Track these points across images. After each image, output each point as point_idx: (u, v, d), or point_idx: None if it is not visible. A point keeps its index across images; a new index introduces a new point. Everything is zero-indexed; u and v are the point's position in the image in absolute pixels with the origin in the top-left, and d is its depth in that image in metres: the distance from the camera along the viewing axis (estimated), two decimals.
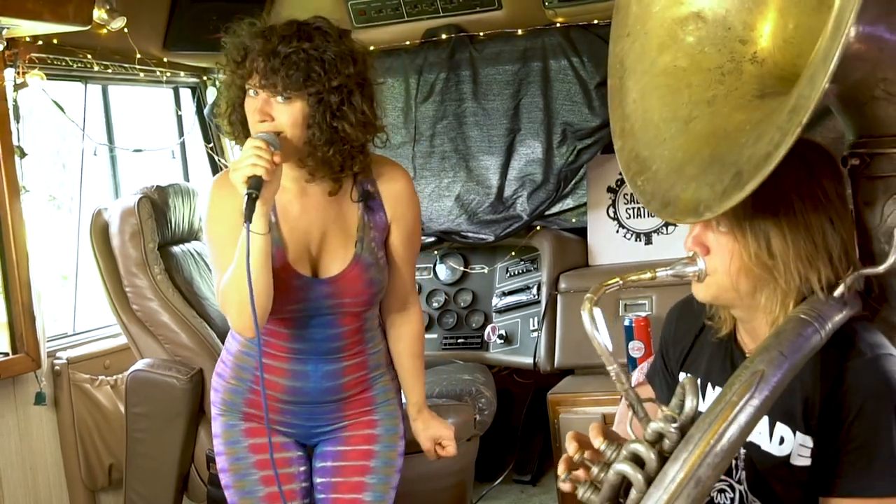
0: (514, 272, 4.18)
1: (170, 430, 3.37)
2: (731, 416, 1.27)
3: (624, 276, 1.49)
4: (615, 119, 1.56)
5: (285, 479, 2.30)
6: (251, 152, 1.99)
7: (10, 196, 3.18)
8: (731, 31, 1.48)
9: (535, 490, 4.13)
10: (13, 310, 3.24)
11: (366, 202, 2.26)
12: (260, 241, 2.03)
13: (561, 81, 3.98)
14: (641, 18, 1.55)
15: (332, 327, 2.25)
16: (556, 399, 3.53)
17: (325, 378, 2.28)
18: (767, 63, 1.46)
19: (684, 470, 1.25)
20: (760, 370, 1.30)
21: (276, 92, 2.07)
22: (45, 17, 3.09)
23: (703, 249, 1.48)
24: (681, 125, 1.45)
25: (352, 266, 2.22)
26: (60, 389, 3.47)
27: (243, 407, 2.33)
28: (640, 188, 1.46)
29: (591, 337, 1.42)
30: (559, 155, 4.04)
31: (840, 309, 1.40)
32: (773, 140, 1.18)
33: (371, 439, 2.34)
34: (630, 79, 1.55)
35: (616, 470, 1.34)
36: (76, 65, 3.56)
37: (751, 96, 1.43)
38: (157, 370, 3.39)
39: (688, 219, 1.34)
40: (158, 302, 3.44)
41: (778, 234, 1.41)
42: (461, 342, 4.17)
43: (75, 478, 3.52)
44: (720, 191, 1.25)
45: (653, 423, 1.33)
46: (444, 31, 4.03)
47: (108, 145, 3.98)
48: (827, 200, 1.42)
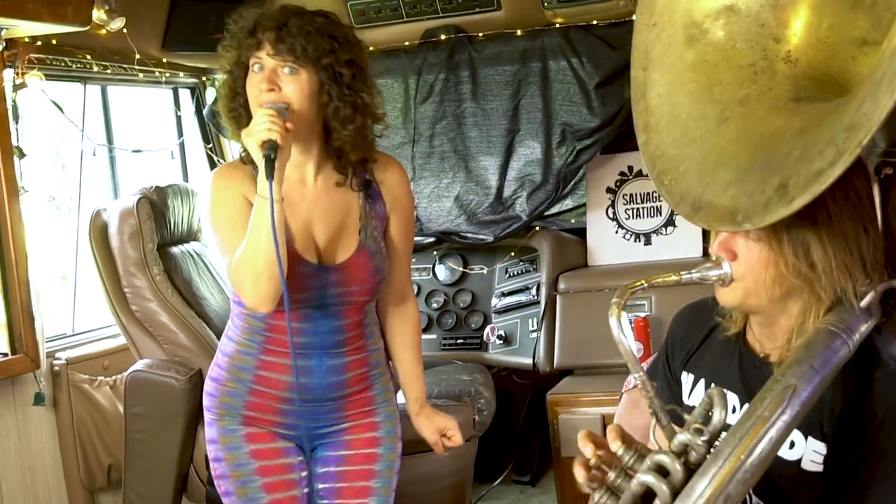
0: (513, 273, 4.18)
1: (169, 430, 3.37)
2: (763, 432, 1.25)
3: (649, 278, 1.43)
4: (638, 112, 1.51)
5: (286, 485, 2.27)
6: (264, 118, 2.00)
7: (9, 196, 3.17)
8: (765, 28, 1.42)
9: (535, 490, 4.13)
10: (12, 310, 3.24)
11: (366, 191, 2.27)
12: (277, 209, 2.02)
13: (560, 82, 3.98)
14: (669, 8, 1.49)
15: (337, 319, 2.23)
16: (555, 399, 3.54)
17: (329, 373, 2.25)
18: (801, 63, 1.41)
19: (713, 485, 1.23)
20: (792, 384, 1.27)
21: (285, 61, 2.09)
22: (45, 18, 3.09)
23: (729, 255, 1.45)
24: (711, 125, 1.40)
25: (358, 253, 2.21)
26: (59, 390, 3.47)
27: (243, 410, 2.27)
28: (667, 188, 1.40)
29: (618, 342, 1.37)
30: (558, 155, 4.04)
31: (866, 319, 1.38)
32: (825, 157, 1.11)
33: (374, 442, 2.33)
34: (655, 71, 1.50)
35: (640, 480, 1.31)
36: (75, 65, 3.56)
37: (786, 99, 1.37)
38: (156, 371, 3.39)
39: (724, 227, 1.30)
40: (157, 302, 3.44)
41: (817, 244, 1.38)
42: (460, 343, 4.17)
43: (74, 478, 3.52)
44: (762, 202, 1.19)
45: (679, 435, 1.30)
46: (444, 32, 4.03)
47: (108, 146, 3.97)
48: (860, 203, 1.39)
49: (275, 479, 2.26)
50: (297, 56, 2.08)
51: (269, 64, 2.10)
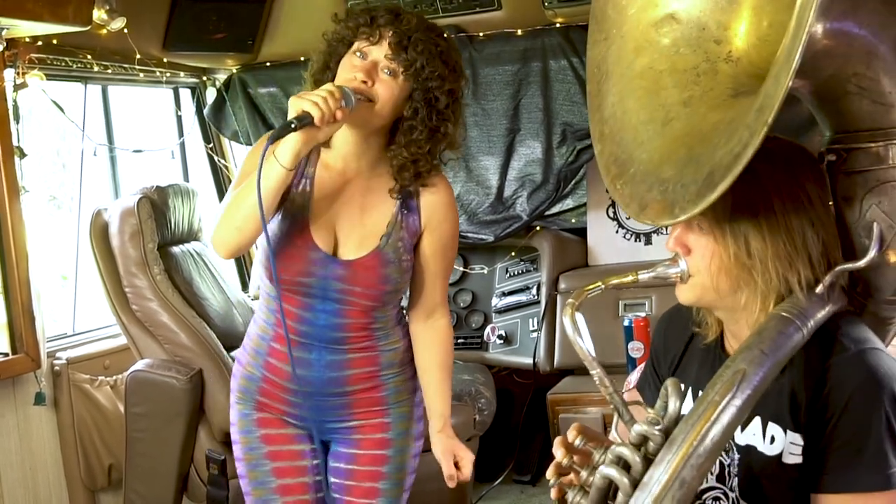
0: (513, 272, 4.19)
1: (169, 430, 3.38)
2: (714, 417, 1.27)
3: (605, 279, 1.49)
4: (594, 123, 1.57)
5: (296, 471, 2.28)
6: (323, 93, 1.99)
7: (9, 196, 3.18)
8: (706, 32, 1.49)
9: (535, 490, 4.13)
10: (13, 310, 3.24)
11: (404, 201, 2.24)
12: (282, 175, 2.03)
13: (561, 82, 3.98)
14: (617, 22, 1.56)
15: (337, 316, 2.22)
16: (555, 399, 3.54)
17: (328, 368, 2.24)
18: (742, 62, 1.47)
19: (668, 472, 1.26)
20: (742, 369, 1.30)
21: (391, 62, 2.09)
22: (45, 18, 3.09)
23: (684, 250, 1.48)
24: (658, 127, 1.46)
25: (371, 256, 2.19)
26: (60, 390, 3.48)
27: (257, 395, 2.30)
28: (618, 192, 1.46)
29: (573, 341, 1.42)
30: (559, 155, 4.04)
31: (822, 306, 1.41)
32: (741, 140, 1.18)
33: (383, 444, 2.30)
34: (608, 82, 1.56)
35: (602, 473, 1.34)
36: (76, 65, 3.57)
37: (726, 96, 1.43)
38: (157, 370, 3.39)
39: (663, 220, 1.34)
40: (158, 302, 3.44)
41: (757, 235, 1.42)
42: (461, 342, 4.17)
43: (75, 478, 3.52)
44: (694, 192, 1.26)
45: (636, 426, 1.33)
46: (444, 31, 4.02)
47: (108, 145, 3.98)
48: (809, 203, 1.43)
49: (284, 464, 2.27)
50: (403, 63, 2.09)
51: (372, 57, 2.11)
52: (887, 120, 1.37)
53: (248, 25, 4.03)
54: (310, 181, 2.21)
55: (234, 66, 4.27)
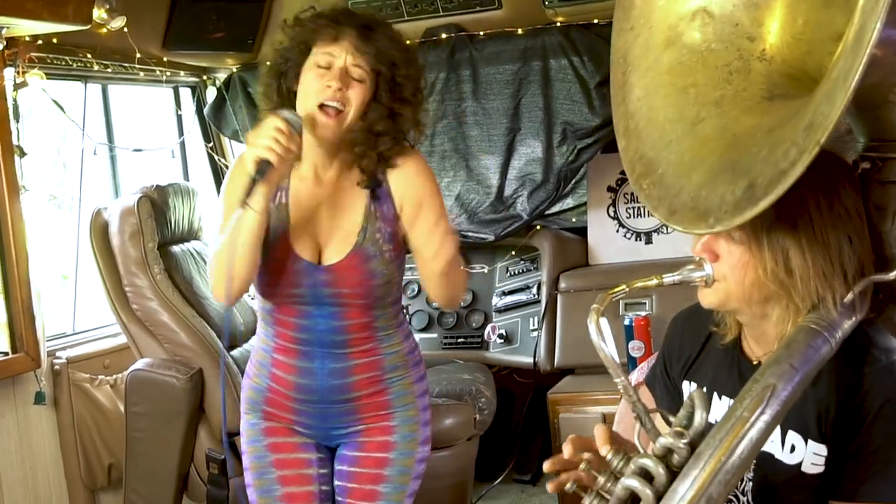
0: (514, 272, 4.18)
1: (169, 429, 3.37)
2: (742, 433, 1.24)
3: (630, 282, 1.43)
4: (618, 116, 1.52)
5: (302, 480, 2.28)
6: (271, 133, 2.01)
7: (9, 195, 3.17)
8: (739, 28, 1.44)
9: (535, 490, 4.13)
10: (13, 309, 3.24)
11: (373, 190, 2.23)
12: (253, 219, 2.06)
13: (561, 81, 3.98)
14: (645, 12, 1.50)
15: (336, 319, 2.22)
16: (556, 399, 3.54)
17: (331, 376, 2.25)
18: (776, 61, 1.41)
19: (695, 487, 1.23)
20: (771, 384, 1.27)
21: (360, 63, 2.11)
22: (45, 17, 3.09)
23: (711, 256, 1.45)
24: (687, 126, 1.40)
25: (351, 256, 2.19)
26: (60, 389, 3.47)
27: (264, 405, 2.32)
28: (645, 192, 1.41)
29: (598, 347, 1.37)
30: (559, 154, 4.04)
31: (850, 316, 1.38)
32: (788, 156, 1.12)
33: (387, 446, 2.30)
34: (633, 75, 1.50)
35: (624, 485, 1.31)
36: (76, 64, 3.56)
37: (760, 97, 1.38)
38: (157, 370, 3.39)
39: (697, 230, 1.29)
40: (158, 301, 3.44)
41: (797, 251, 1.38)
42: (461, 342, 4.16)
43: (75, 477, 3.52)
44: (731, 203, 1.21)
45: (661, 438, 1.30)
46: (444, 31, 4.03)
47: (108, 145, 3.98)
48: (847, 216, 1.39)
49: (290, 472, 2.28)
50: (371, 61, 2.11)
51: (339, 63, 2.12)
52: None
53: (248, 25, 4.02)
54: (285, 192, 2.23)
55: (234, 65, 4.27)
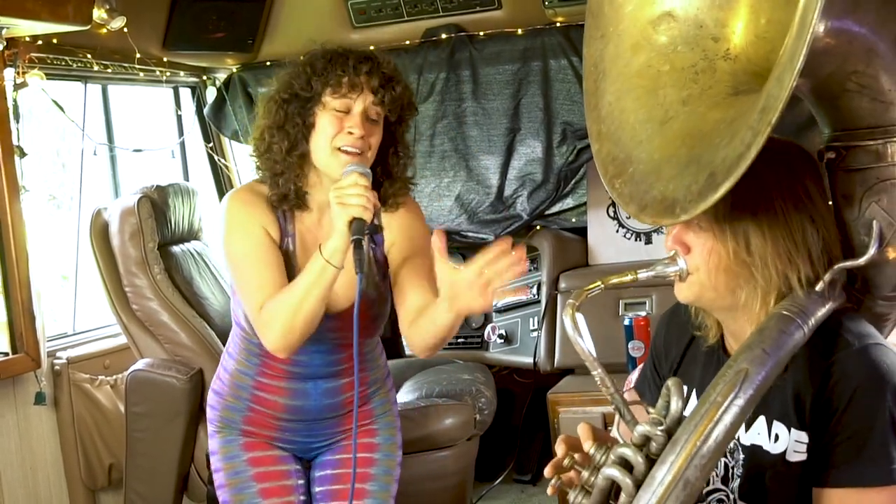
0: None
1: (170, 429, 3.37)
2: (717, 417, 1.27)
3: (605, 279, 1.48)
4: (591, 121, 1.56)
5: (283, 491, 2.28)
6: (360, 191, 1.96)
7: (9, 196, 3.17)
8: (703, 29, 1.49)
9: (535, 490, 4.12)
10: (13, 309, 3.24)
11: (372, 237, 2.22)
12: (333, 275, 2.02)
13: (561, 81, 3.98)
14: (614, 20, 1.55)
15: (333, 354, 2.25)
16: (555, 399, 3.53)
17: (324, 395, 2.28)
18: (741, 59, 1.47)
19: (672, 472, 1.25)
20: (744, 369, 1.30)
21: (377, 106, 2.10)
22: (45, 17, 3.09)
23: (683, 248, 1.49)
24: (657, 126, 1.45)
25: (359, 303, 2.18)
26: (60, 389, 3.47)
27: (241, 425, 2.31)
28: (617, 191, 1.45)
29: (574, 342, 1.42)
30: (559, 154, 4.04)
31: (822, 303, 1.41)
32: (744, 140, 1.18)
33: (371, 448, 2.34)
34: (605, 81, 1.55)
35: (605, 474, 1.34)
36: (76, 64, 3.56)
37: (725, 94, 1.43)
38: (157, 370, 3.39)
39: (664, 220, 1.34)
40: (158, 302, 3.44)
41: (757, 232, 1.42)
42: (461, 342, 4.16)
43: (75, 477, 3.52)
44: (695, 191, 1.25)
45: (639, 427, 1.33)
46: (444, 31, 4.03)
47: (108, 145, 3.98)
48: (808, 200, 1.43)
49: (271, 484, 2.28)
50: (393, 109, 2.12)
51: (358, 108, 2.09)
52: (886, 118, 1.37)
53: (248, 24, 4.02)
54: (292, 238, 2.19)
55: (234, 65, 4.27)
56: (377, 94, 2.09)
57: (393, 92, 2.11)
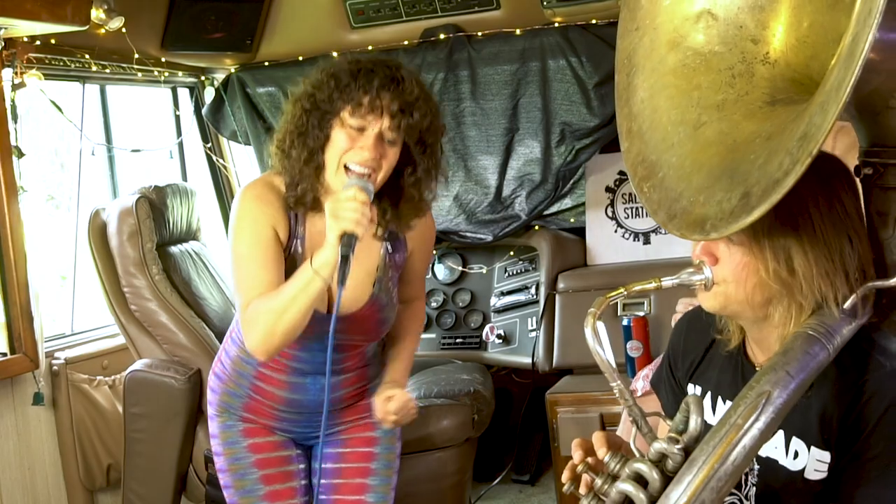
0: (512, 272, 4.18)
1: (168, 430, 3.37)
2: (736, 440, 1.25)
3: (628, 286, 1.44)
4: (622, 118, 1.51)
5: (285, 477, 2.31)
6: (356, 205, 1.96)
7: (7, 196, 3.17)
8: (743, 30, 1.43)
9: (534, 490, 4.12)
10: (11, 310, 3.24)
11: (390, 241, 2.26)
12: (321, 286, 2.03)
13: (559, 81, 3.98)
14: (651, 13, 1.50)
15: (335, 353, 2.24)
16: (554, 399, 3.53)
17: (322, 392, 2.25)
18: (780, 64, 1.41)
19: (688, 493, 1.23)
20: (767, 391, 1.27)
21: (396, 132, 2.06)
22: (43, 17, 3.08)
23: (711, 259, 1.44)
24: (689, 130, 1.40)
25: (367, 306, 2.22)
26: (58, 390, 3.47)
27: (241, 411, 2.33)
28: (646, 195, 1.40)
29: (594, 352, 1.37)
30: (558, 155, 4.04)
31: (849, 322, 1.37)
32: (782, 166, 1.13)
33: (371, 441, 2.35)
34: (638, 76, 1.50)
35: (619, 489, 1.32)
36: (74, 65, 3.56)
37: (762, 102, 1.38)
38: (156, 370, 3.39)
39: (694, 235, 1.29)
40: (156, 302, 3.44)
41: (798, 250, 1.37)
42: (459, 342, 4.17)
43: (73, 478, 3.52)
44: (727, 210, 1.21)
45: (656, 444, 1.31)
46: (443, 31, 4.02)
47: (106, 145, 3.97)
48: (846, 216, 1.39)
49: (272, 470, 2.30)
50: (410, 133, 2.09)
51: (378, 130, 2.06)
52: None
53: (246, 25, 4.02)
54: (300, 241, 2.20)
55: (232, 65, 4.26)
56: (394, 119, 2.06)
57: (411, 119, 2.07)
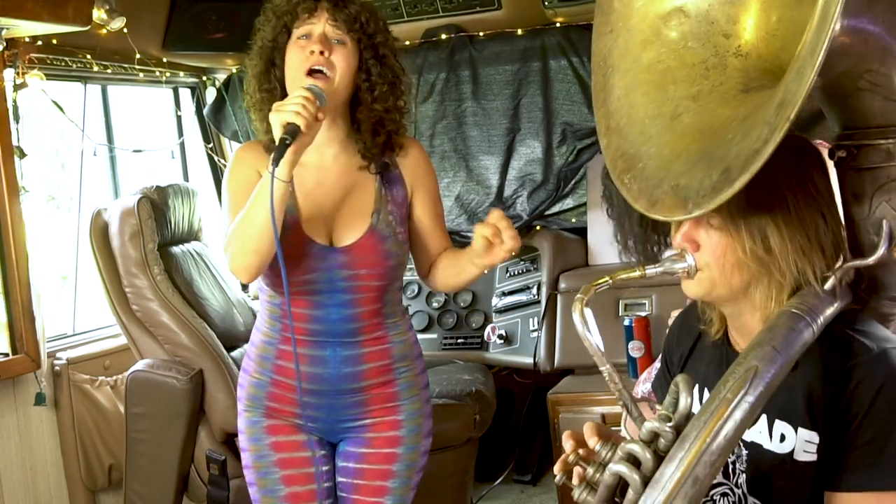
0: (513, 272, 4.18)
1: (170, 430, 3.37)
2: (727, 414, 1.27)
3: (613, 274, 1.48)
4: (600, 116, 1.56)
5: (305, 479, 2.28)
6: (299, 100, 2.01)
7: (9, 196, 3.17)
8: (715, 25, 1.48)
9: (535, 490, 4.13)
10: (13, 310, 3.24)
11: (383, 175, 2.28)
12: (281, 188, 2.04)
13: (561, 81, 3.98)
14: (624, 15, 1.55)
15: (349, 307, 2.22)
16: (555, 399, 3.54)
17: (343, 363, 2.24)
18: (752, 56, 1.46)
19: (681, 469, 1.25)
20: (754, 366, 1.29)
21: (339, 31, 2.15)
22: (45, 18, 3.09)
23: (692, 246, 1.48)
24: (666, 122, 1.45)
25: (367, 236, 2.21)
26: (60, 390, 3.47)
27: (266, 401, 2.30)
28: (626, 186, 1.44)
29: (583, 337, 1.42)
30: (559, 155, 4.05)
31: (831, 302, 1.41)
32: (761, 136, 1.17)
33: (395, 442, 2.30)
34: (614, 76, 1.55)
35: (612, 471, 1.33)
36: (76, 65, 3.56)
37: (736, 91, 1.43)
38: (157, 370, 3.38)
39: (675, 215, 1.33)
40: (158, 302, 3.44)
41: (774, 230, 1.41)
42: (461, 342, 4.16)
43: (75, 478, 3.52)
44: (709, 187, 1.25)
45: (647, 423, 1.32)
46: (444, 31, 4.03)
47: (108, 145, 3.97)
48: (818, 194, 1.43)
49: (294, 471, 2.27)
50: (352, 28, 2.15)
51: (321, 29, 2.15)
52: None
53: (247, 25, 3.97)
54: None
55: (233, 65, 4.26)
56: (332, 14, 2.15)
57: (347, 10, 2.16)
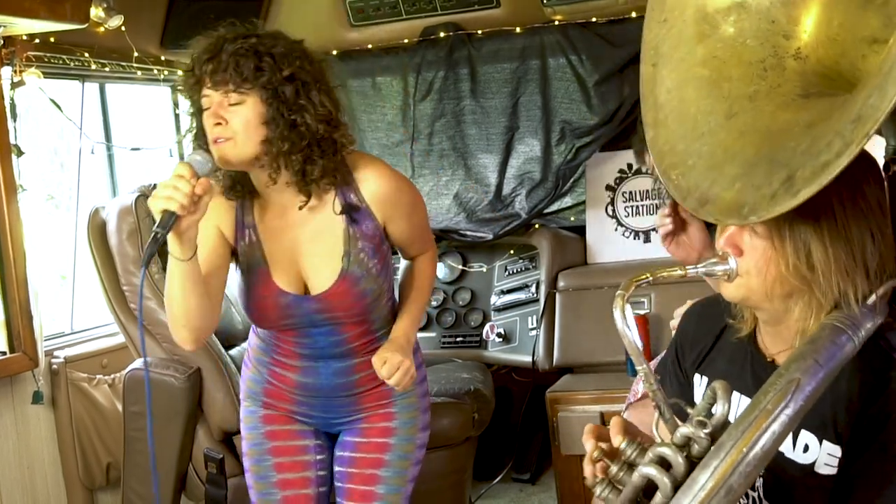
0: (512, 270, 4.18)
1: (168, 429, 3.36)
2: (766, 425, 1.25)
3: (654, 270, 1.43)
4: (647, 108, 1.51)
5: (298, 466, 2.33)
6: (171, 182, 1.93)
7: (7, 195, 3.17)
8: (775, 25, 1.43)
9: (534, 489, 4.12)
10: (11, 309, 3.23)
11: (350, 214, 2.18)
12: (184, 267, 2.01)
13: (559, 79, 3.98)
14: (679, 5, 1.50)
15: (335, 335, 2.24)
16: (554, 397, 3.53)
17: (335, 375, 2.29)
18: (810, 60, 1.40)
19: (715, 478, 1.23)
20: (796, 378, 1.27)
21: (227, 90, 2.03)
22: (42, 16, 3.08)
23: (735, 251, 1.44)
24: (720, 119, 1.40)
25: (339, 282, 2.18)
26: (58, 388, 3.47)
27: (262, 396, 2.37)
28: (674, 182, 1.40)
29: (622, 334, 1.36)
30: (558, 153, 4.04)
31: (872, 317, 1.37)
32: (832, 148, 1.12)
33: (387, 432, 2.34)
34: (665, 67, 1.50)
35: (642, 473, 1.31)
36: (73, 63, 3.55)
37: (795, 94, 1.38)
38: (155, 369, 3.38)
39: (730, 220, 1.30)
40: (156, 301, 3.42)
41: (819, 246, 1.37)
42: (460, 341, 4.16)
43: (73, 477, 3.51)
44: (768, 194, 1.20)
45: (682, 428, 1.30)
46: (443, 30, 4.02)
47: (106, 144, 3.97)
48: (868, 210, 1.38)
49: (286, 459, 2.32)
50: (234, 83, 2.02)
51: (216, 98, 2.05)
52: None
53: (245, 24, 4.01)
54: (253, 230, 2.20)
55: None
56: (212, 79, 2.05)
57: (233, 71, 2.02)
